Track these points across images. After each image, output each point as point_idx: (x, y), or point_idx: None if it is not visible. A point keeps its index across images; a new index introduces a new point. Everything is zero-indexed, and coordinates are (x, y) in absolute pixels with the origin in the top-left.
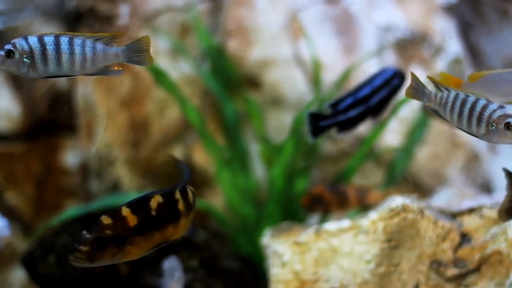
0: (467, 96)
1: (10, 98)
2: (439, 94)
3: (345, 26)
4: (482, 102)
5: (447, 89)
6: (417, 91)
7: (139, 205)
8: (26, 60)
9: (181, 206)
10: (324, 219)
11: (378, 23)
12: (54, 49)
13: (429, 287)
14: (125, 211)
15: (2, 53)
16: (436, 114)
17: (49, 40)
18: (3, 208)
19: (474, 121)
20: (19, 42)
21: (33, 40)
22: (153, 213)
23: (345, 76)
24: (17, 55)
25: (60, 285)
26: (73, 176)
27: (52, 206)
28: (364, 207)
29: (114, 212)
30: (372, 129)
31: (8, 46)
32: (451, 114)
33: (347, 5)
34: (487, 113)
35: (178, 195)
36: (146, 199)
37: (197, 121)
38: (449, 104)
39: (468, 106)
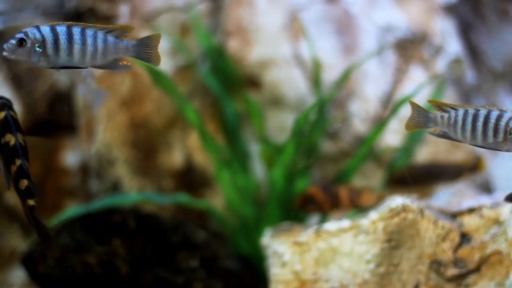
0: (478, 110)
1: (10, 98)
2: (446, 115)
3: (345, 26)
4: (495, 113)
5: (453, 108)
6: (420, 118)
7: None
8: (38, 49)
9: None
10: (324, 219)
11: (378, 23)
12: (67, 39)
13: (429, 287)
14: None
15: (14, 41)
16: (444, 137)
17: (61, 30)
18: (3, 208)
19: (490, 133)
20: (31, 31)
21: (45, 29)
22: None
23: (345, 76)
24: (29, 44)
25: (60, 285)
26: (73, 176)
27: (52, 206)
28: (357, 208)
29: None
30: (372, 129)
31: (19, 35)
32: (463, 132)
33: (347, 5)
34: (503, 122)
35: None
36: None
37: (196, 121)
38: (459, 122)
39: (481, 119)
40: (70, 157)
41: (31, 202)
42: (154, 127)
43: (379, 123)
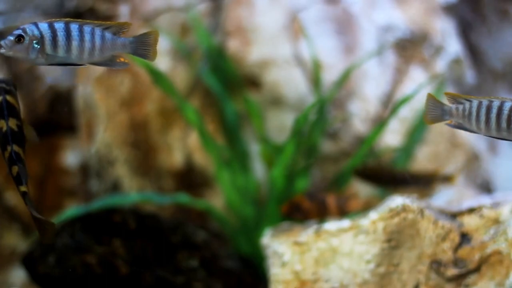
0: (491, 101)
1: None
2: (461, 107)
3: (345, 26)
4: (508, 104)
5: (468, 100)
6: (436, 111)
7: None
8: (36, 46)
9: None
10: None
11: (378, 23)
12: (65, 36)
13: (429, 287)
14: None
15: (12, 38)
16: (460, 128)
17: (59, 26)
18: (3, 208)
19: (504, 124)
20: (29, 27)
21: (43, 26)
22: None
23: (345, 76)
24: (27, 40)
25: (60, 285)
26: (73, 176)
27: (52, 206)
28: (345, 214)
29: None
30: (372, 129)
31: (17, 31)
32: (478, 123)
33: (347, 5)
34: None
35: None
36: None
37: (196, 121)
38: (474, 113)
39: (494, 111)
40: (70, 157)
41: (22, 188)
42: (154, 127)
43: (379, 123)
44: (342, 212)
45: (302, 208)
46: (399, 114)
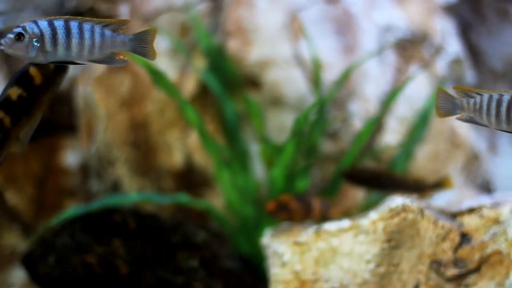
0: (501, 95)
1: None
2: (472, 100)
3: (345, 26)
4: None
5: (478, 94)
6: (447, 105)
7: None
8: (36, 43)
9: None
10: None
11: (378, 23)
12: (65, 33)
13: (429, 287)
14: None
15: (12, 36)
16: (471, 122)
17: (59, 24)
18: (3, 208)
19: None
20: (29, 25)
21: (43, 23)
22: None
23: (345, 76)
24: (27, 38)
25: (60, 285)
26: (73, 176)
27: (52, 206)
28: (325, 220)
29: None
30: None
31: (17, 29)
32: (488, 117)
33: (347, 5)
34: None
35: None
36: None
37: (196, 121)
38: (484, 107)
39: (504, 105)
40: (70, 157)
41: None
42: (154, 127)
43: (371, 119)
44: (324, 217)
45: (289, 207)
46: (399, 114)
